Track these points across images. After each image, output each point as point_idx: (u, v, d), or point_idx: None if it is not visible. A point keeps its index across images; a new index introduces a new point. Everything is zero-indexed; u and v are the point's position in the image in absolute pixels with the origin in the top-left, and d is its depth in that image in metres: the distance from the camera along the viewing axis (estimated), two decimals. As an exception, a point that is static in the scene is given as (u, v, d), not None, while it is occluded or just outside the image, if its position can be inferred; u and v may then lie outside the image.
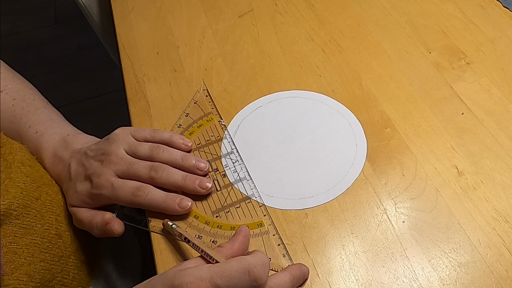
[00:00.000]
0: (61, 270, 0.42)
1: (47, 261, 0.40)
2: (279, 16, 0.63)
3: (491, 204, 0.43)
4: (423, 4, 0.62)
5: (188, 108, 0.52)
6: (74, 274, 0.43)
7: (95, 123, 1.43)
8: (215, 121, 0.51)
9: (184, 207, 0.42)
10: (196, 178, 0.43)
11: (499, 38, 0.57)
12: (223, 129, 0.50)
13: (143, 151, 0.44)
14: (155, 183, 0.43)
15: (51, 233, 0.42)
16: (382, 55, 0.57)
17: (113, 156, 0.43)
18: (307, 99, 0.53)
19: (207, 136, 0.50)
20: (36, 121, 0.48)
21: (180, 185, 0.43)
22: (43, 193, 0.43)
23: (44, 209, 0.42)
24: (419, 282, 0.39)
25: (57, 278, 0.41)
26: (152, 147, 0.44)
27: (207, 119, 0.51)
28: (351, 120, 0.50)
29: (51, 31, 1.80)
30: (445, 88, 0.53)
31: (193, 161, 0.45)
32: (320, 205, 0.44)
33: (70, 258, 0.43)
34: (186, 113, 0.52)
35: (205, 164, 0.45)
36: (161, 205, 0.42)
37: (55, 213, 0.43)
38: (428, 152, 0.47)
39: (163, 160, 0.44)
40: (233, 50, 0.59)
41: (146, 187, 0.42)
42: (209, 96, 0.53)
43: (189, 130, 0.50)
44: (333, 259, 0.40)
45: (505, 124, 0.49)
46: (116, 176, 0.42)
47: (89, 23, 0.85)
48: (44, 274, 0.40)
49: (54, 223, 0.42)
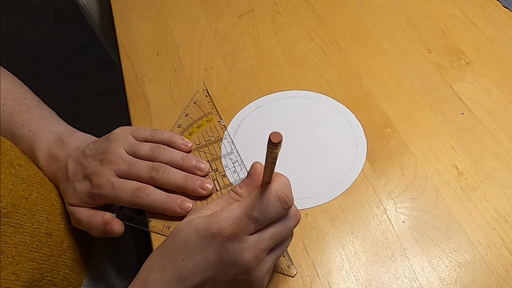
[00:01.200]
0: (51, 269, 0.41)
1: (36, 260, 0.40)
2: (279, 16, 0.63)
3: (491, 204, 0.43)
4: (423, 4, 0.62)
5: (187, 108, 0.52)
6: (64, 274, 0.43)
7: (95, 123, 1.43)
8: (215, 121, 0.51)
9: (186, 209, 0.42)
10: (197, 179, 0.43)
11: (499, 38, 0.57)
12: (223, 129, 0.50)
13: (144, 151, 0.44)
14: (156, 183, 0.42)
15: (41, 232, 0.41)
16: (382, 55, 0.57)
17: (113, 155, 0.42)
18: (307, 99, 0.53)
19: (206, 137, 0.50)
20: (29, 120, 0.47)
21: (181, 186, 0.43)
22: (34, 191, 0.42)
23: (34, 208, 0.41)
24: (419, 282, 0.39)
25: (46, 278, 0.41)
26: (153, 147, 0.44)
27: (206, 119, 0.51)
28: (351, 120, 0.50)
29: (51, 31, 1.80)
30: (445, 88, 0.53)
31: (194, 162, 0.44)
32: (320, 205, 0.44)
33: (61, 257, 0.43)
34: (186, 113, 0.52)
35: (206, 165, 0.45)
36: (162, 206, 0.42)
37: (46, 211, 0.42)
38: (428, 152, 0.47)
39: (164, 161, 0.44)
40: (233, 50, 0.59)
41: (146, 188, 0.42)
42: (208, 96, 0.53)
43: (189, 130, 0.50)
44: (333, 259, 0.40)
45: (505, 124, 0.49)
46: (116, 176, 0.42)
47: (89, 23, 0.85)
48: (33, 273, 0.39)
49: (44, 221, 0.42)
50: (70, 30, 1.80)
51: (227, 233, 0.32)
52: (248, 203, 0.33)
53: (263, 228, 0.33)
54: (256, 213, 0.32)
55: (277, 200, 0.33)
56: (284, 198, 0.33)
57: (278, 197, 0.33)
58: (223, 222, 0.32)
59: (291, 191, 0.34)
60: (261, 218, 0.32)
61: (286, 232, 0.35)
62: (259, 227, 0.33)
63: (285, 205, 0.33)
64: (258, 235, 0.33)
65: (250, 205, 0.32)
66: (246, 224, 0.32)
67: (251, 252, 0.32)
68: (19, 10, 1.89)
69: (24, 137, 0.46)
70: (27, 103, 0.49)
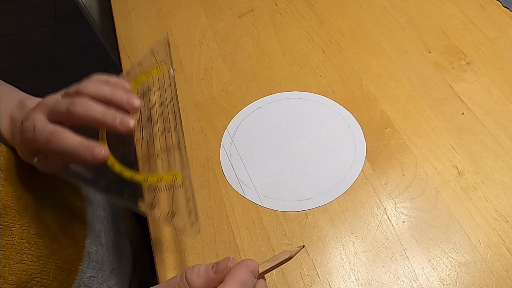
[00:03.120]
0: (40, 270, 0.40)
1: (24, 262, 0.39)
2: (279, 16, 0.63)
3: (491, 204, 0.43)
4: (423, 4, 0.62)
5: (143, 58, 0.48)
6: (54, 275, 0.42)
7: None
8: (165, 69, 0.46)
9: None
10: (118, 113, 0.38)
11: (499, 38, 0.57)
12: (171, 80, 0.45)
13: (73, 88, 0.40)
14: (74, 119, 0.38)
15: (30, 233, 0.40)
16: (382, 55, 0.57)
17: (47, 98, 0.39)
18: (306, 100, 0.53)
19: (152, 85, 0.45)
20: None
21: (99, 120, 0.37)
22: (25, 193, 0.41)
23: (24, 209, 0.40)
24: (419, 282, 0.39)
25: (35, 279, 0.39)
26: (83, 82, 0.40)
27: (157, 68, 0.46)
28: (351, 122, 0.50)
29: (51, 31, 1.80)
30: (445, 88, 0.53)
31: (124, 96, 0.39)
32: (319, 207, 0.44)
33: (51, 258, 0.42)
34: (139, 62, 0.47)
35: (139, 101, 0.39)
36: (76, 149, 0.37)
37: (36, 212, 0.41)
38: (428, 152, 0.47)
39: (90, 93, 0.39)
40: (233, 50, 0.59)
41: (62, 131, 0.37)
42: (167, 45, 0.48)
43: (136, 78, 0.45)
44: (333, 259, 0.40)
45: (505, 124, 0.49)
46: (46, 120, 0.38)
47: (89, 23, 0.85)
48: (21, 275, 0.38)
49: (34, 222, 0.41)
50: (70, 30, 1.80)
51: None
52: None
53: None
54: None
55: None
56: None
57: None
58: None
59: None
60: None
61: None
62: None
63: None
64: None
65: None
66: None
67: None
68: (19, 10, 1.89)
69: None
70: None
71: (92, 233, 0.48)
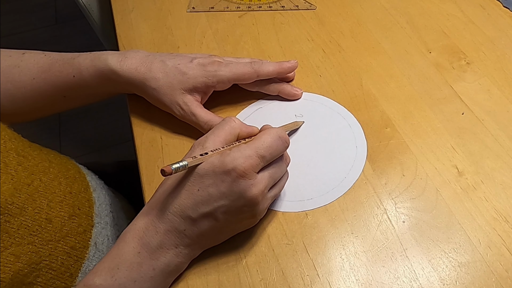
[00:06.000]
0: (49, 254, 0.42)
1: (34, 244, 0.41)
2: (279, 16, 0.63)
3: (491, 204, 0.43)
4: (423, 4, 0.62)
5: None
6: (62, 260, 0.44)
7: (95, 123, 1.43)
8: None
9: None
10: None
11: (499, 38, 0.57)
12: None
13: None
14: (256, 72, 0.50)
15: (41, 217, 0.42)
16: (382, 55, 0.57)
17: (217, 57, 0.51)
18: (307, 100, 0.53)
19: None
20: (79, 56, 0.50)
21: (276, 70, 0.51)
22: (36, 179, 0.43)
23: (36, 194, 0.43)
24: (419, 282, 0.39)
25: (44, 262, 0.41)
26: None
27: None
28: (351, 122, 0.50)
29: (51, 31, 1.80)
30: (445, 88, 0.53)
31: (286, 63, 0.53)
32: (320, 207, 0.44)
33: (59, 243, 0.44)
34: None
35: (295, 62, 0.53)
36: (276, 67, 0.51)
37: (47, 198, 0.44)
38: (428, 152, 0.47)
39: None
40: (233, 50, 0.59)
41: (257, 61, 0.51)
42: None
43: None
44: (333, 259, 0.41)
45: (505, 124, 0.49)
46: None
47: (89, 23, 0.85)
48: (31, 256, 0.40)
49: (45, 207, 0.43)
50: (70, 30, 1.80)
51: (240, 170, 0.36)
52: (255, 144, 0.38)
53: (265, 168, 0.39)
54: (263, 151, 0.37)
55: (278, 139, 0.39)
56: (285, 138, 0.40)
57: (280, 137, 0.39)
58: (237, 160, 0.36)
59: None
60: (268, 156, 0.38)
61: (281, 172, 0.41)
62: (264, 165, 0.38)
63: (286, 144, 0.40)
64: (263, 173, 0.38)
65: (257, 145, 0.38)
66: (256, 162, 0.37)
67: (258, 188, 0.37)
68: (19, 10, 1.89)
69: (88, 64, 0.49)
70: (55, 55, 0.52)
71: (99, 224, 0.49)
